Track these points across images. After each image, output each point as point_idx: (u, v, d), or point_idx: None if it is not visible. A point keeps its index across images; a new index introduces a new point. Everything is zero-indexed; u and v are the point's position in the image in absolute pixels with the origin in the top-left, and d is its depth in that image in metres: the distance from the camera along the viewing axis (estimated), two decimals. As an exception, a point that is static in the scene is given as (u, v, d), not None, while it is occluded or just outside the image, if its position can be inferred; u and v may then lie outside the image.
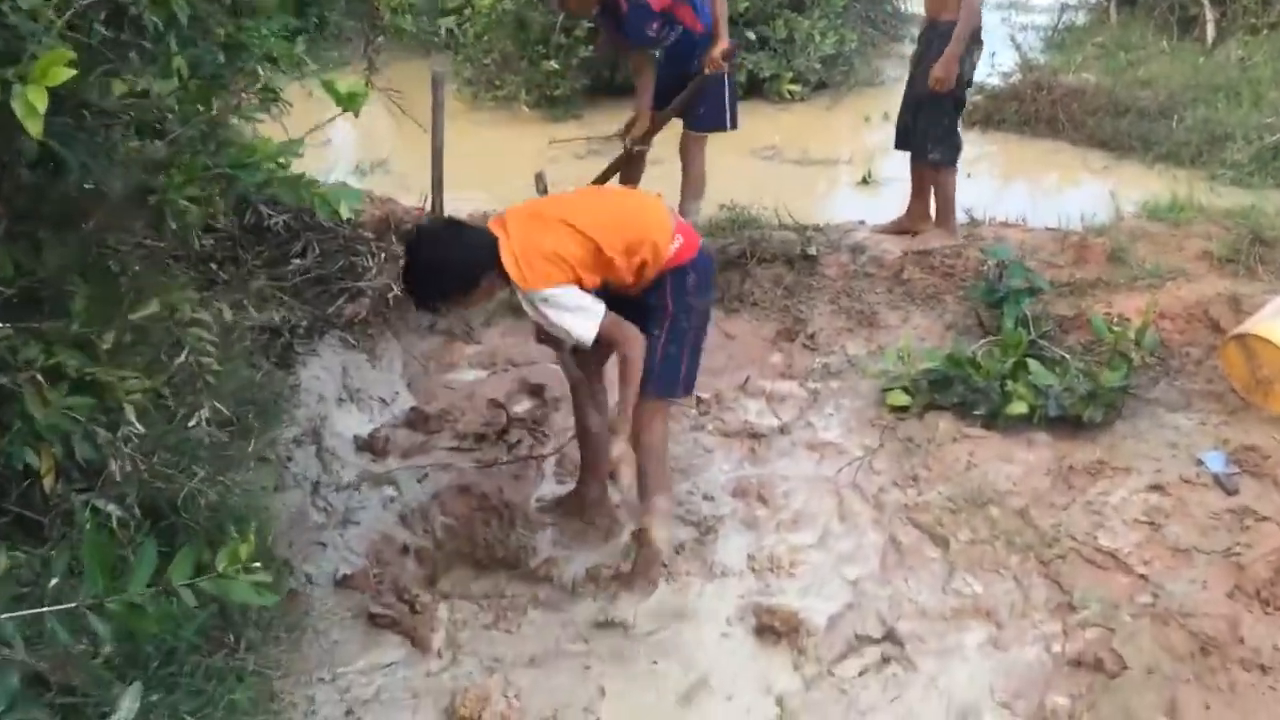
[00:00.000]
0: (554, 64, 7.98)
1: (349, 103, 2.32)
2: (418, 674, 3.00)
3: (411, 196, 5.67)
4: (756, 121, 7.93)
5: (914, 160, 5.09)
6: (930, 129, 4.88)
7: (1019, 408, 3.79)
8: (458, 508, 3.82)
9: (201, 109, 2.48)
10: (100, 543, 1.99)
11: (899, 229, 5.18)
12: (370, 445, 4.07)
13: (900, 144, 5.17)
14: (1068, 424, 3.83)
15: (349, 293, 4.76)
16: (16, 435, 2.34)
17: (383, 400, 4.42)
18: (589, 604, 3.36)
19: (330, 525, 3.64)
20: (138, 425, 2.50)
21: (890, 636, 3.12)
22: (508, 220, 3.12)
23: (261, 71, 2.70)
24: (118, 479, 2.57)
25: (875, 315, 4.73)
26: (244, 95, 2.73)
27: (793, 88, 8.57)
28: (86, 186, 2.56)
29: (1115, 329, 3.96)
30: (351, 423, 4.23)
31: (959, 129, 5.07)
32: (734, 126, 5.26)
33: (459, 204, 5.23)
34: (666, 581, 3.39)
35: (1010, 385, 3.83)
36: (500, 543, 3.70)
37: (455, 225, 3.28)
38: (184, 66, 2.36)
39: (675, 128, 5.33)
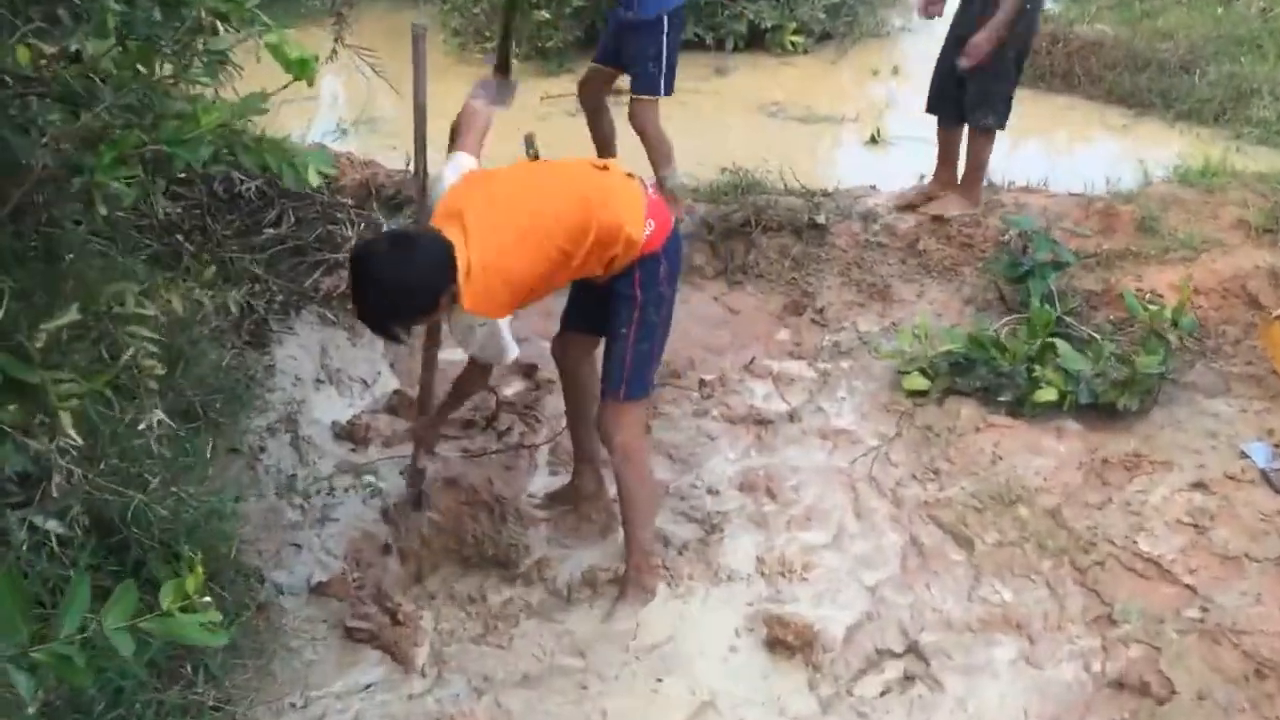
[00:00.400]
0: (546, 13, 7.58)
1: (299, 70, 2.00)
2: (399, 697, 2.75)
3: (398, 157, 5.32)
4: (758, 76, 7.58)
5: (948, 125, 4.66)
6: (990, 92, 4.41)
7: (1048, 394, 3.52)
8: (444, 501, 3.55)
9: (141, 72, 2.17)
10: (15, 583, 1.71)
11: (920, 200, 4.82)
12: (350, 433, 3.79)
13: (935, 108, 4.68)
14: (1099, 411, 3.56)
15: (327, 264, 4.45)
16: (-65, 450, 2.07)
17: (364, 382, 4.14)
18: (586, 612, 3.11)
19: (306, 524, 3.37)
20: (73, 435, 2.21)
21: (913, 650, 2.88)
22: (466, 217, 2.68)
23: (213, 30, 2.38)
24: (54, 494, 2.29)
25: (888, 289, 4.44)
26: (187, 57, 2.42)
27: (796, 39, 8.18)
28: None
29: (1149, 307, 3.67)
30: (330, 408, 3.95)
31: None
32: (667, 92, 4.59)
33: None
34: (669, 586, 3.14)
35: (1038, 369, 3.55)
36: (490, 540, 3.44)
37: (403, 241, 2.78)
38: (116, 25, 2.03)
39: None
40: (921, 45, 7.03)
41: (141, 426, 2.49)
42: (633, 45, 4.49)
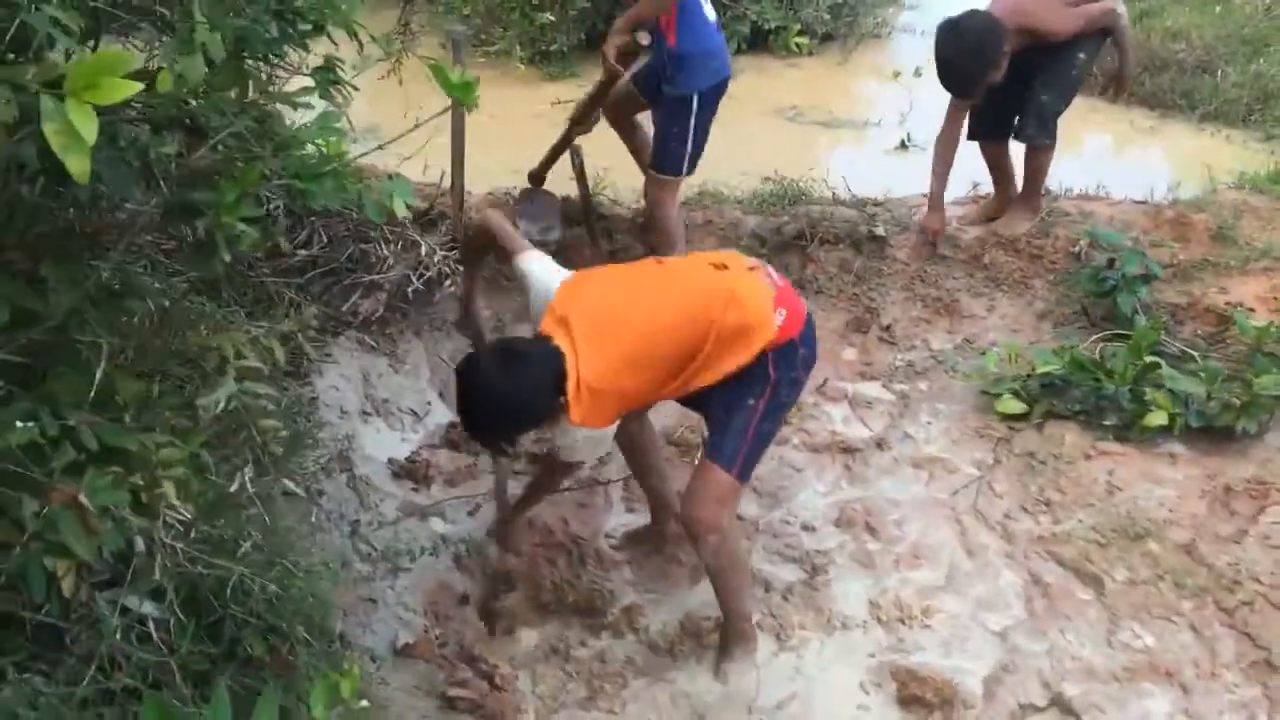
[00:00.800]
0: (549, 16, 7.31)
1: (463, 94, 1.75)
2: (516, 775, 2.50)
3: (410, 168, 5.02)
4: (767, 79, 7.37)
5: (993, 142, 4.46)
6: (1053, 113, 4.26)
7: (1158, 418, 3.35)
8: (518, 541, 3.30)
9: (235, 95, 1.89)
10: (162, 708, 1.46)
11: (989, 217, 4.62)
12: (410, 472, 3.52)
13: (984, 133, 4.43)
14: (1210, 434, 3.39)
15: (363, 286, 4.17)
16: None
17: (414, 414, 3.86)
18: (695, 668, 2.88)
19: (377, 575, 3.10)
20: (181, 509, 1.94)
21: (1059, 704, 2.69)
22: (573, 328, 2.49)
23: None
24: (156, 575, 2.01)
25: (956, 303, 4.24)
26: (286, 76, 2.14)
27: (800, 40, 7.97)
28: (101, 205, 1.98)
29: (1258, 325, 3.51)
30: (382, 443, 3.67)
31: None
32: (689, 172, 3.99)
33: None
34: (779, 637, 2.92)
35: (1149, 393, 3.37)
36: (570, 585, 3.19)
37: (514, 356, 2.51)
38: (212, 41, 1.75)
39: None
40: (927, 46, 6.89)
41: (234, 488, 2.22)
42: (660, 117, 3.96)
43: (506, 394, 2.45)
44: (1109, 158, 5.99)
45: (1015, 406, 3.55)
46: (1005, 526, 3.23)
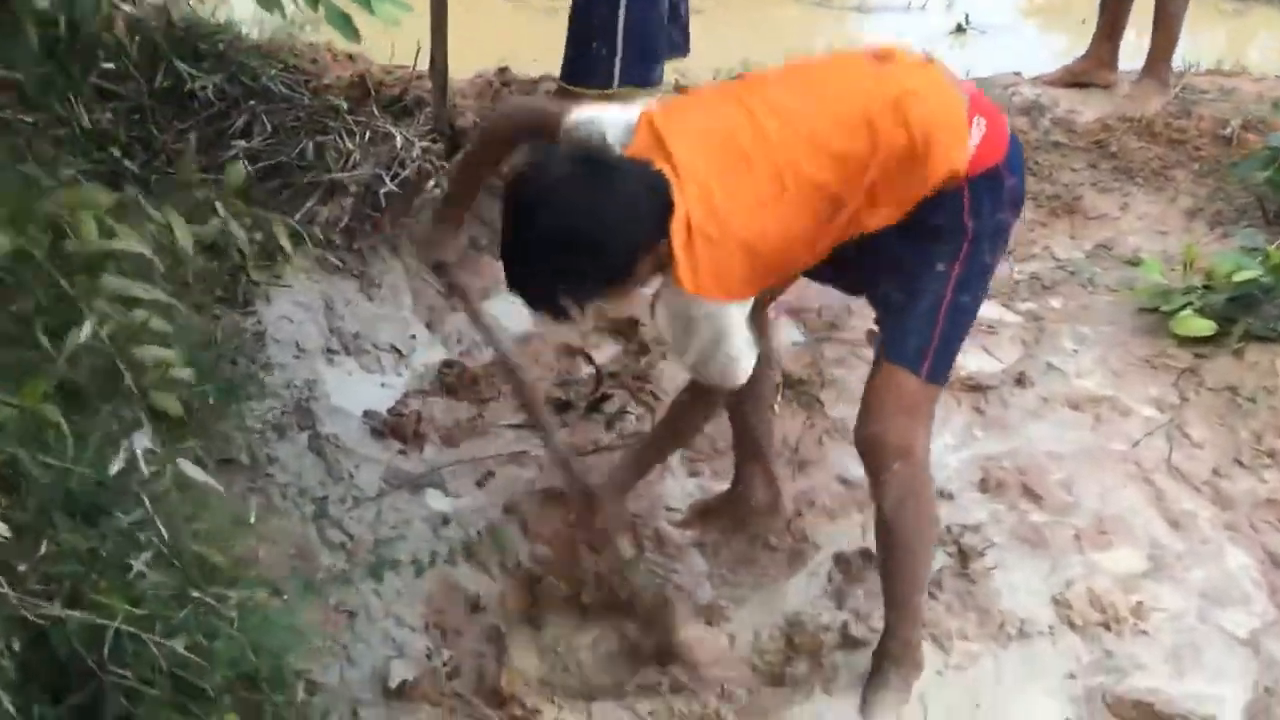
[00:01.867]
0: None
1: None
2: None
3: (376, 50, 3.96)
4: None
5: None
6: None
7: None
8: (547, 522, 2.41)
9: None
10: None
11: (1070, 79, 3.78)
12: (395, 428, 2.59)
13: None
14: None
15: (321, 189, 3.22)
16: None
17: (396, 350, 2.92)
18: (815, 698, 2.01)
19: (356, 576, 2.19)
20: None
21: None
22: (675, 152, 1.66)
23: None
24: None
25: (1079, 201, 3.35)
26: None
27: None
28: None
29: None
30: (355, 391, 2.74)
31: None
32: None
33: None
34: (939, 648, 2.05)
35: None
36: (620, 579, 2.31)
37: (596, 166, 1.66)
38: None
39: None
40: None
41: (117, 468, 1.29)
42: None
43: (580, 220, 1.60)
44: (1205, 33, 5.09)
45: (1201, 326, 2.68)
46: (1216, 487, 2.38)
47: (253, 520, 1.96)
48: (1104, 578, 2.18)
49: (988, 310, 3.02)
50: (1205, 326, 2.67)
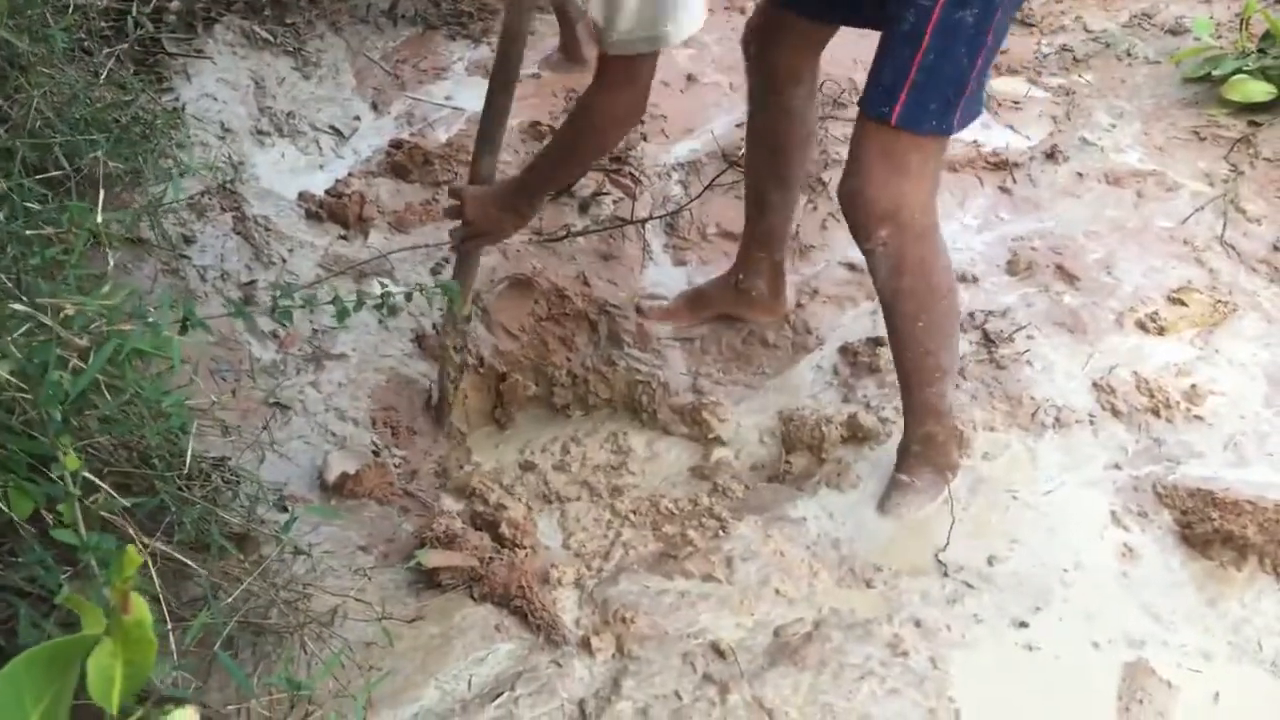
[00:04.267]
0: None
1: None
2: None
3: None
4: None
5: None
6: None
7: None
8: (513, 314, 2.10)
9: None
10: None
11: None
12: (334, 211, 2.24)
13: None
14: None
15: (248, -49, 2.81)
16: None
17: (335, 131, 2.56)
18: (829, 499, 1.74)
19: (289, 369, 1.88)
20: None
21: None
22: None
23: None
24: None
25: (1113, -32, 2.96)
26: None
27: None
28: None
29: None
30: (288, 172, 2.40)
31: None
32: None
33: None
34: (962, 440, 1.77)
35: None
36: (601, 378, 2.02)
37: None
38: None
39: None
40: None
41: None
42: None
43: None
44: None
45: (1258, 91, 2.34)
46: (1275, 265, 2.08)
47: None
48: (1151, 361, 1.90)
49: (1009, 84, 2.69)
50: (1263, 91, 2.34)
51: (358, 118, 2.61)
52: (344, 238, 2.21)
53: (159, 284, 1.91)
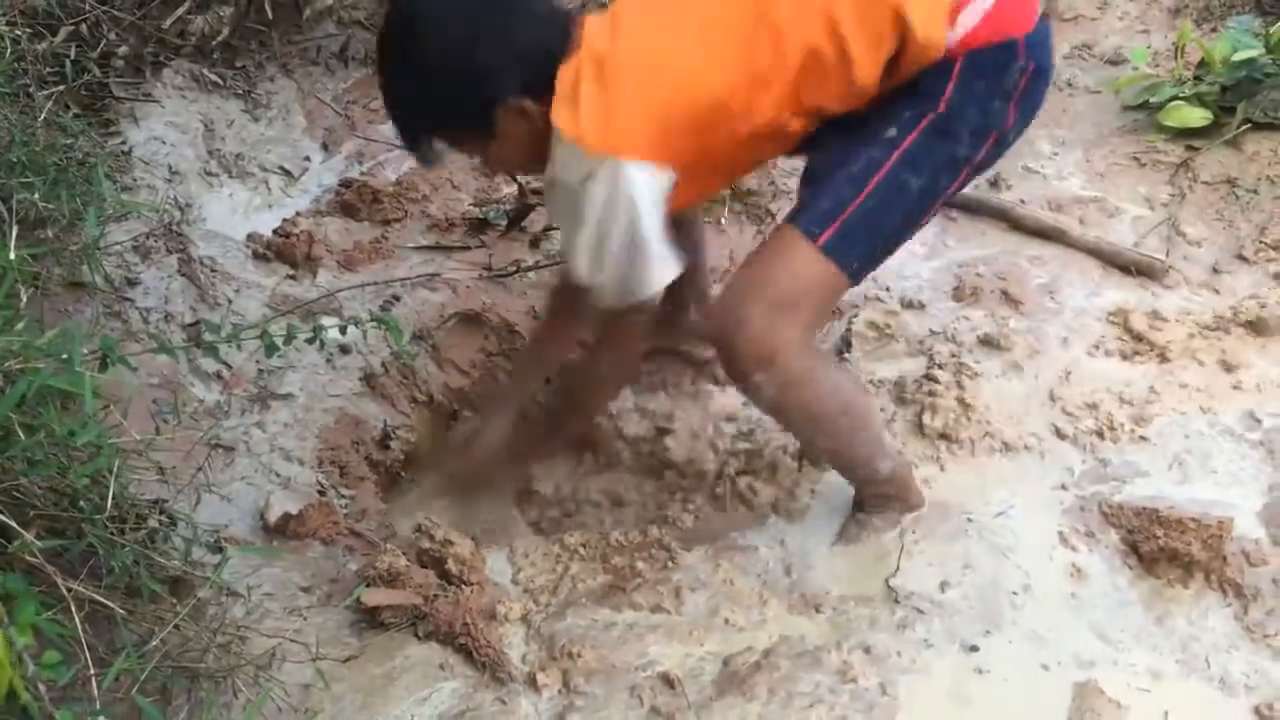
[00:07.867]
0: None
1: None
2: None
3: None
4: None
5: None
6: None
7: None
8: (463, 350, 2.10)
9: None
10: None
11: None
12: (281, 250, 2.23)
13: None
14: None
15: (197, -4, 2.80)
16: None
17: (285, 172, 2.55)
18: (780, 528, 1.74)
19: (234, 409, 1.86)
20: None
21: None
22: (621, 15, 1.43)
23: None
24: None
25: (1051, 1, 3.02)
26: None
27: None
28: None
29: None
30: (237, 213, 2.39)
31: None
32: None
33: None
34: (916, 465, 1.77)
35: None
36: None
37: None
38: None
39: None
40: None
41: None
42: None
43: (452, 37, 1.37)
44: None
45: (1195, 117, 2.38)
46: (1216, 287, 2.11)
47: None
48: (1097, 384, 1.92)
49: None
50: (1199, 116, 2.38)
51: (308, 158, 2.61)
52: (292, 277, 2.19)
53: (100, 326, 1.89)
